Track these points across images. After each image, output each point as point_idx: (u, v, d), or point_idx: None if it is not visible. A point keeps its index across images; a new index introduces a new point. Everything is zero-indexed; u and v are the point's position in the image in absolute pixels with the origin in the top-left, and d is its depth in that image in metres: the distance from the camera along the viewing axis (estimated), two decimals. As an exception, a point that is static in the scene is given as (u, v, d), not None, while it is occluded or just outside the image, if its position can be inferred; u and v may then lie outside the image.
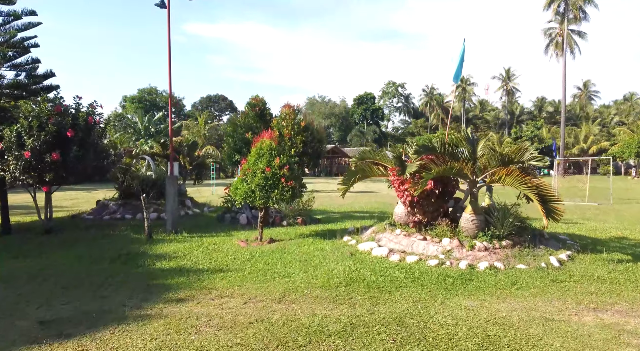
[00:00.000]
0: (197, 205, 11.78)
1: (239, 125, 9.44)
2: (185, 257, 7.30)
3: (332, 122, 72.28)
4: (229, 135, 9.54)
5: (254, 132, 9.25)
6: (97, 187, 24.02)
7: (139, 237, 8.77)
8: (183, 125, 41.68)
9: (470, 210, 7.08)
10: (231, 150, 9.52)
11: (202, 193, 21.53)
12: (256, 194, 7.64)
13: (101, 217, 11.01)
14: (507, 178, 6.77)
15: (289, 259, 6.85)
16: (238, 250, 7.60)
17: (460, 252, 6.70)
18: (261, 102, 9.51)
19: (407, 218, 7.65)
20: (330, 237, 8.42)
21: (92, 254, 7.54)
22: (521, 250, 6.87)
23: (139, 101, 68.50)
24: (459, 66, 8.06)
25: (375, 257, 6.81)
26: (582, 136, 62.60)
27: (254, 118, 9.38)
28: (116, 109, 75.19)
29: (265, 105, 9.64)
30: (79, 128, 8.87)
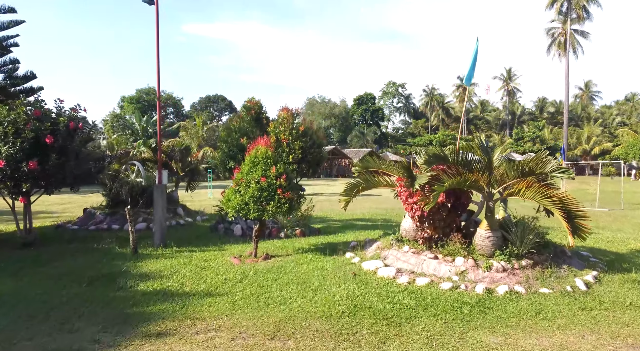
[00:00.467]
0: (190, 214, 11.11)
1: (234, 129, 8.77)
2: (171, 276, 6.63)
3: (332, 123, 71.67)
4: (223, 140, 8.87)
5: (249, 137, 8.61)
6: (93, 190, 23.37)
7: (124, 252, 8.10)
8: (181, 126, 40.98)
9: (485, 225, 6.42)
10: (225, 156, 8.85)
11: (199, 197, 20.86)
12: (250, 207, 6.97)
13: (87, 227, 10.34)
14: (527, 192, 6.11)
15: (286, 281, 6.19)
16: (230, 268, 6.93)
17: (476, 273, 6.04)
18: (257, 105, 8.84)
19: (415, 234, 6.98)
20: (331, 252, 7.75)
21: (70, 273, 6.87)
22: (543, 270, 6.20)
23: (137, 101, 67.85)
24: (472, 67, 7.39)
25: (382, 279, 6.15)
26: (584, 137, 61.97)
27: (250, 122, 8.71)
28: (114, 109, 74.61)
29: (261, 108, 8.99)
30: (59, 134, 8.21)
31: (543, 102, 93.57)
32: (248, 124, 8.68)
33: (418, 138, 68.10)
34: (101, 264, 7.34)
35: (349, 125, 73.98)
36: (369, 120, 77.89)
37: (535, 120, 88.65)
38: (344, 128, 73.10)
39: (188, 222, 10.57)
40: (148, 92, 69.84)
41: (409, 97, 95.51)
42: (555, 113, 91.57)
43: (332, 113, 70.65)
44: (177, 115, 75.33)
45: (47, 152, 7.99)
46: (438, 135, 64.28)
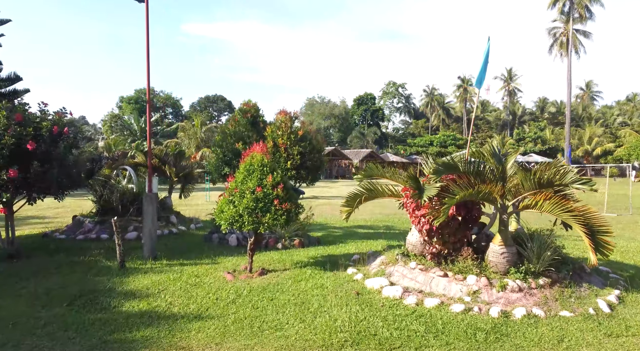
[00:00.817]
0: (184, 221, 10.60)
1: (229, 133, 8.29)
2: (159, 295, 6.13)
3: (332, 123, 71.23)
4: (218, 145, 8.39)
5: (245, 142, 8.12)
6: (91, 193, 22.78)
7: (111, 266, 7.61)
8: (179, 127, 40.48)
9: (499, 240, 5.93)
10: (219, 162, 8.36)
11: (196, 200, 20.34)
12: (245, 218, 6.48)
13: (75, 236, 9.84)
14: (545, 204, 5.62)
15: (283, 301, 5.69)
16: (223, 285, 6.44)
17: (490, 293, 5.55)
18: (253, 108, 8.34)
19: (422, 248, 6.49)
20: (332, 266, 7.26)
21: (51, 290, 6.37)
22: (562, 289, 5.71)
23: (135, 102, 67.38)
24: (483, 69, 6.90)
25: (387, 299, 5.65)
26: (586, 137, 61.52)
27: (246, 126, 8.23)
28: (113, 110, 74.12)
29: (258, 111, 8.49)
30: (42, 140, 7.71)
31: (544, 102, 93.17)
32: (244, 128, 8.20)
33: (418, 138, 67.66)
34: (85, 280, 6.85)
35: (349, 126, 73.53)
36: (369, 120, 77.43)
37: (536, 120, 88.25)
38: (344, 128, 72.66)
39: (181, 231, 10.06)
40: (146, 92, 69.41)
41: (409, 97, 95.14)
42: (556, 113, 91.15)
43: (332, 113, 70.22)
44: (176, 115, 74.88)
45: (29, 159, 7.50)
46: (439, 136, 63.84)
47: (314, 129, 8.54)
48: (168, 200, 10.49)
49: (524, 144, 63.12)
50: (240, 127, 8.35)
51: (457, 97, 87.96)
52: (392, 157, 55.71)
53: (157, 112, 69.92)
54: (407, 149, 65.12)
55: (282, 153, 7.90)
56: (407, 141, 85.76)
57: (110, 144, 41.72)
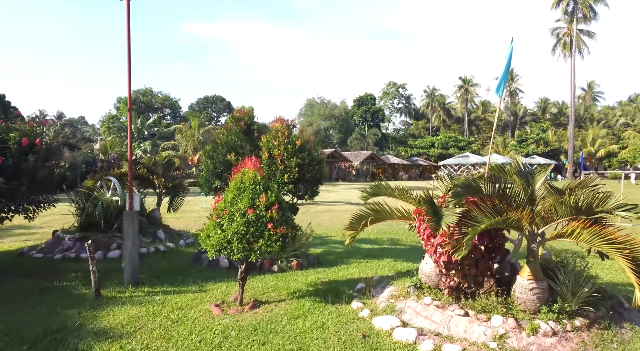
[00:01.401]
0: (172, 237, 9.75)
1: (220, 143, 7.49)
2: (135, 334, 5.32)
3: (331, 124, 70.39)
4: (208, 155, 7.57)
5: (238, 153, 7.32)
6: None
7: (86, 294, 6.79)
8: (177, 129, 39.68)
9: (528, 273, 5.12)
10: (210, 175, 7.56)
11: (191, 206, 19.51)
12: (234, 245, 5.67)
13: (52, 255, 9.02)
14: (583, 234, 4.81)
15: (276, 347, 4.87)
16: (209, 321, 5.62)
17: (519, 337, 4.74)
18: (247, 116, 7.52)
19: (438, 280, 5.68)
20: (334, 297, 6.45)
21: (11, 329, 5.56)
22: (601, 332, 4.91)
23: (133, 102, 66.58)
24: (505, 74, 6.09)
25: (399, 344, 4.84)
26: (589, 139, 60.70)
27: (239, 135, 7.43)
28: (110, 111, 73.29)
29: (252, 119, 7.67)
30: (9, 154, 6.91)
31: (545, 102, 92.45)
32: (237, 138, 7.39)
33: (419, 140, 66.85)
34: (54, 314, 6.03)
35: (349, 127, 72.68)
36: (369, 121, 76.66)
37: (537, 121, 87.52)
38: (344, 129, 71.80)
39: (169, 248, 9.22)
40: (145, 93, 68.61)
41: (409, 98, 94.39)
42: (558, 114, 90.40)
43: (332, 114, 69.32)
44: (175, 116, 74.07)
45: (-5, 174, 6.70)
46: (440, 137, 63.04)
47: (312, 138, 7.66)
48: (156, 213, 9.67)
49: (526, 146, 62.35)
50: (233, 136, 7.53)
51: (458, 97, 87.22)
52: (393, 159, 54.90)
53: (155, 113, 69.21)
54: (408, 151, 64.30)
55: (278, 166, 7.09)
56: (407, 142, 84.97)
57: (106, 146, 40.89)
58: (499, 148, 66.14)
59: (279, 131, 7.27)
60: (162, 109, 68.65)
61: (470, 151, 56.04)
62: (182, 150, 36.96)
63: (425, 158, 60.22)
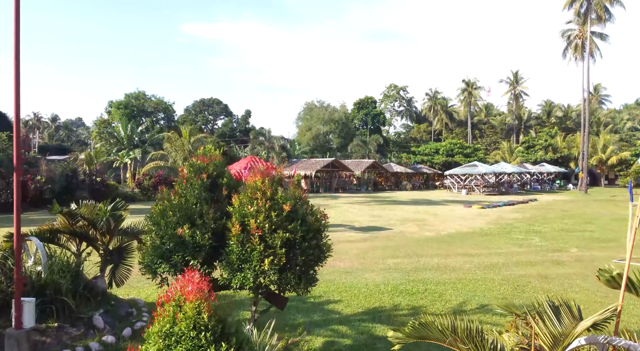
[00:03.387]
0: (116, 319, 6.94)
1: (171, 207, 4.88)
2: None
3: (331, 128, 67.99)
4: (154, 221, 5.07)
5: (195, 223, 4.80)
6: None
7: None
8: (165, 138, 37.17)
9: None
10: (152, 256, 4.91)
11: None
12: None
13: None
14: None
15: None
16: None
17: None
18: (214, 164, 4.95)
19: None
20: None
21: None
22: None
23: (125, 107, 64.05)
24: None
25: None
26: (600, 145, 58.30)
27: (200, 192, 4.87)
28: (102, 115, 70.80)
29: (222, 168, 5.08)
30: None
31: (550, 106, 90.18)
32: (194, 199, 4.93)
33: (423, 146, 64.43)
34: None
35: (349, 131, 70.31)
36: (369, 125, 74.25)
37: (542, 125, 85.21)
38: (344, 134, 69.42)
39: (106, 344, 6.45)
40: (137, 97, 66.17)
41: (410, 101, 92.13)
42: (563, 117, 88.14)
43: (332, 118, 66.92)
44: (169, 121, 71.59)
45: None
46: (445, 144, 60.61)
47: (307, 191, 5.07)
48: (99, 282, 7.05)
49: (534, 152, 59.95)
50: (190, 195, 5.07)
51: (462, 101, 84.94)
52: (396, 167, 52.45)
53: (148, 116, 66.67)
54: (411, 158, 61.86)
55: (255, 245, 4.64)
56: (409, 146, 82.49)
57: (91, 156, 38.34)
58: (505, 155, 63.78)
59: (259, 190, 4.82)
60: (155, 113, 66.12)
61: (477, 159, 53.62)
62: (171, 161, 34.44)
63: (429, 165, 57.79)
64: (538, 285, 9.91)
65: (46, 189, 27.91)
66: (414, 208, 28.07)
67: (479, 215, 24.13)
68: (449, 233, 17.51)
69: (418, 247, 14.13)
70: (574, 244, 15.05)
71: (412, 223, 20.21)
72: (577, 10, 44.18)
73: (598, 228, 19.12)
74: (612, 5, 42.13)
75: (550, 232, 17.86)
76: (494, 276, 10.57)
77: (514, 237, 16.44)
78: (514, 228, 18.77)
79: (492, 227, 19.31)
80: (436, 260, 12.26)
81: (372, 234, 17.03)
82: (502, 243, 15.23)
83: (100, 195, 30.77)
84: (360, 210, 26.56)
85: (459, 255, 12.95)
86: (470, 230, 18.32)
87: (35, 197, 26.88)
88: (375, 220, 21.68)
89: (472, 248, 14.04)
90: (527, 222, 21.26)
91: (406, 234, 17.09)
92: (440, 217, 23.02)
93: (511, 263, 12.03)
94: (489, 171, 41.51)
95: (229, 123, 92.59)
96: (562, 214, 24.89)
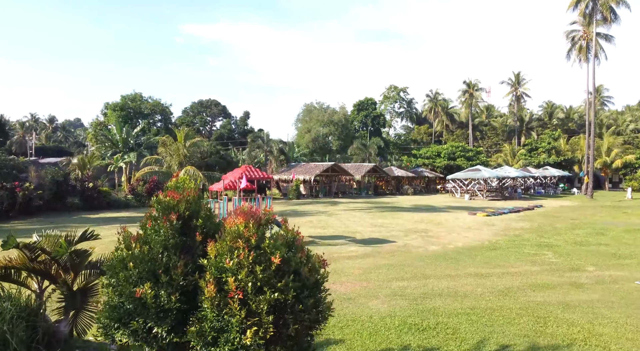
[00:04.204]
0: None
1: (131, 257, 3.78)
2: None
3: (330, 131, 66.94)
4: (112, 272, 4.04)
5: (159, 281, 3.77)
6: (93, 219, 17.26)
7: None
8: (160, 142, 36.13)
9: None
10: (108, 318, 3.83)
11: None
12: None
13: None
14: None
15: None
16: None
17: None
18: (187, 201, 3.95)
19: None
20: None
21: None
22: None
23: (121, 108, 63.00)
24: None
25: None
26: (604, 148, 57.34)
27: (165, 241, 3.79)
28: (97, 117, 69.78)
29: (196, 204, 4.07)
30: None
31: (551, 107, 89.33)
32: (161, 245, 3.96)
33: (424, 149, 63.41)
34: None
35: (348, 133, 69.28)
36: (369, 126, 73.28)
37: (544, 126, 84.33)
38: (344, 136, 68.38)
39: None
40: (134, 99, 65.13)
41: (411, 102, 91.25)
42: (565, 119, 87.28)
43: (331, 120, 65.86)
44: (166, 123, 70.61)
45: None
46: (446, 147, 59.61)
47: (302, 239, 3.95)
48: (62, 327, 6.04)
49: (536, 155, 58.98)
50: (155, 242, 4.08)
51: (463, 102, 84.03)
52: (398, 171, 51.43)
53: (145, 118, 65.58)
54: (412, 161, 60.88)
55: (235, 311, 3.64)
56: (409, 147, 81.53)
57: (84, 160, 37.31)
58: (507, 158, 62.84)
59: (241, 237, 3.83)
60: (152, 115, 65.11)
61: (479, 162, 52.63)
62: (165, 166, 33.41)
63: (430, 169, 56.81)
64: (560, 315, 8.91)
65: (35, 196, 26.84)
66: (416, 216, 27.09)
67: (485, 225, 23.16)
68: (455, 247, 16.54)
69: (424, 266, 13.14)
70: (590, 261, 14.08)
71: (416, 235, 19.22)
72: (582, 11, 43.24)
73: (612, 241, 18.15)
74: (618, 6, 41.20)
75: (563, 245, 16.88)
76: (510, 304, 9.58)
77: (525, 252, 15.46)
78: (523, 241, 17.78)
79: (501, 239, 18.33)
80: (445, 282, 11.27)
81: (375, 248, 16.04)
82: (513, 259, 14.25)
83: (92, 202, 29.73)
84: (361, 219, 25.56)
85: (469, 276, 11.96)
86: (477, 243, 17.35)
87: (24, 204, 25.82)
88: (377, 230, 20.70)
89: (482, 267, 13.05)
90: (536, 232, 20.29)
91: (410, 248, 16.10)
92: (445, 227, 22.04)
93: (527, 286, 11.04)
94: (492, 175, 40.51)
95: (228, 125, 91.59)
96: (571, 224, 23.91)
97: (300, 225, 19.72)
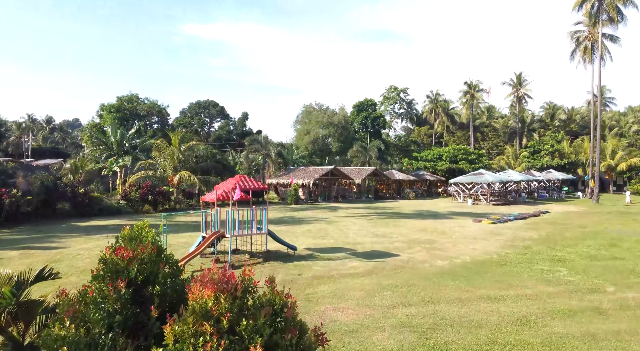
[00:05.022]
0: None
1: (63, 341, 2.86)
2: None
3: (330, 132, 65.95)
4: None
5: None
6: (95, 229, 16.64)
7: None
8: (154, 146, 35.07)
9: None
10: None
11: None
12: None
13: None
14: None
15: None
16: None
17: None
18: (139, 261, 3.06)
19: None
20: None
21: None
22: None
23: (117, 110, 61.94)
24: None
25: None
26: (608, 151, 56.35)
27: (111, 315, 2.87)
28: (93, 119, 68.73)
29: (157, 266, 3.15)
30: None
31: (553, 108, 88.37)
32: (103, 324, 3.02)
33: (425, 151, 62.41)
34: None
35: (348, 135, 68.26)
36: (369, 127, 72.27)
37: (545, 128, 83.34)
38: (344, 138, 67.38)
39: None
40: (130, 100, 64.08)
41: (411, 103, 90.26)
42: (567, 120, 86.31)
43: (331, 121, 64.84)
44: (163, 124, 69.55)
45: None
46: (448, 149, 58.58)
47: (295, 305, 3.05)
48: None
49: (539, 157, 57.99)
50: (95, 320, 3.08)
51: (464, 103, 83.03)
52: (398, 174, 50.41)
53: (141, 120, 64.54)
54: (413, 163, 59.85)
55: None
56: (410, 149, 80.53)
57: (77, 164, 36.23)
58: (510, 160, 61.86)
59: (207, 317, 2.80)
60: (148, 117, 64.03)
61: (482, 165, 51.62)
62: (160, 170, 32.36)
63: (431, 172, 55.77)
64: (588, 353, 7.93)
65: (23, 203, 25.78)
66: (419, 224, 26.08)
67: (492, 234, 22.15)
68: (463, 261, 15.53)
69: (432, 287, 12.14)
70: (609, 279, 13.08)
71: (420, 247, 18.21)
72: (587, 11, 42.24)
73: (627, 254, 17.15)
74: (625, 6, 40.21)
75: (577, 260, 15.87)
76: (531, 339, 8.58)
77: (537, 268, 14.46)
78: (534, 255, 16.77)
79: (510, 252, 17.32)
80: (456, 309, 10.27)
81: (377, 264, 15.02)
82: (526, 277, 13.26)
83: (83, 208, 28.66)
84: (362, 227, 24.52)
85: (482, 300, 10.96)
86: (486, 256, 16.36)
87: (11, 212, 24.74)
88: (378, 241, 19.67)
89: (494, 287, 12.05)
90: (546, 244, 19.30)
91: (415, 264, 15.10)
92: (450, 238, 21.03)
93: (546, 313, 10.05)
94: (496, 180, 39.49)
95: (226, 126, 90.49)
96: (581, 233, 22.91)
97: (298, 235, 18.49)
